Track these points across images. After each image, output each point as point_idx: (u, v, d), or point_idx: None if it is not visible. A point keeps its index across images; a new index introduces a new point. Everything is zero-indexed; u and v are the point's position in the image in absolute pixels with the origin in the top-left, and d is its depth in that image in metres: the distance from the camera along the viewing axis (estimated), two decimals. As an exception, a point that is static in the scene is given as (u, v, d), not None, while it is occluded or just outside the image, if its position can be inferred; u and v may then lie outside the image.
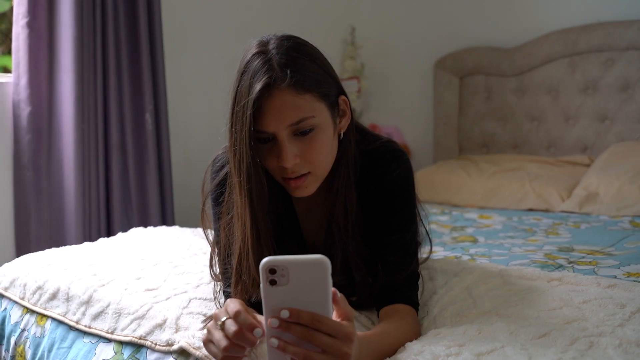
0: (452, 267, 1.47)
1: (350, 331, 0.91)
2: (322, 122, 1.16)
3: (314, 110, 1.14)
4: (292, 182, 1.18)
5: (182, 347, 1.15)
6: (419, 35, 3.57)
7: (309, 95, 1.13)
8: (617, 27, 2.92)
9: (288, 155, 1.13)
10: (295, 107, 1.12)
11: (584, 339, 1.03)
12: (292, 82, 1.10)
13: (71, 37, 2.27)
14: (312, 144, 1.15)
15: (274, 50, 1.13)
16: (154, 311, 1.28)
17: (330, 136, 1.19)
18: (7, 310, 1.56)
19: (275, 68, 1.11)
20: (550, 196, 2.62)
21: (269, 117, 1.11)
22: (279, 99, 1.11)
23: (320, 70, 1.17)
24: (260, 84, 1.10)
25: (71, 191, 2.31)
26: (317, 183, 1.21)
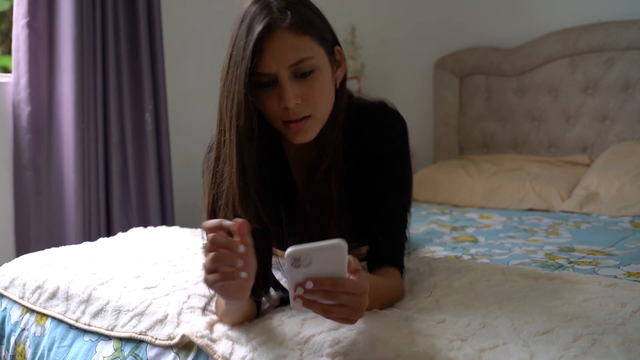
0: (453, 265, 1.47)
1: (364, 285, 1.00)
2: (322, 65, 1.17)
3: (314, 52, 1.16)
4: (293, 125, 1.18)
5: (185, 336, 1.16)
6: (419, 35, 3.57)
7: (308, 37, 1.15)
8: (617, 27, 2.92)
9: (290, 95, 1.14)
10: (295, 48, 1.13)
11: (587, 336, 1.03)
12: (292, 22, 1.13)
13: (71, 37, 2.27)
14: (312, 85, 1.16)
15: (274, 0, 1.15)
16: (153, 307, 1.28)
17: (329, 80, 1.20)
18: (7, 310, 1.56)
19: (275, 11, 1.13)
20: (550, 196, 2.62)
21: (269, 58, 1.12)
22: (280, 39, 1.12)
23: (317, 17, 1.20)
24: (261, 25, 1.11)
25: (71, 191, 2.31)
26: (317, 128, 1.21)
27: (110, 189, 2.46)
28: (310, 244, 0.96)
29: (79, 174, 2.31)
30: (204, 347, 1.13)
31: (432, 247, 1.90)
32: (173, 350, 1.18)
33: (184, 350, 1.18)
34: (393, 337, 1.06)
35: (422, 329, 1.09)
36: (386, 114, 1.32)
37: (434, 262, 1.50)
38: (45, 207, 2.32)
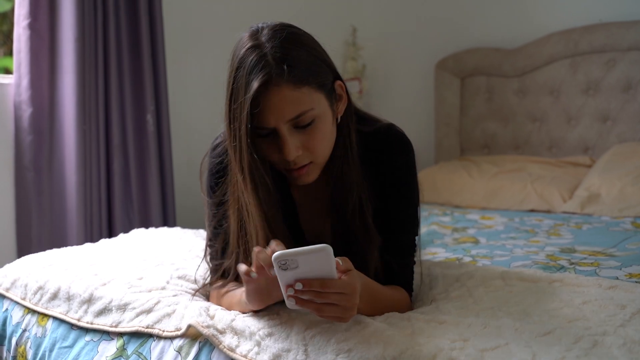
0: (452, 271, 1.46)
1: (354, 284, 1.03)
2: (322, 113, 1.16)
3: (313, 102, 1.13)
4: (295, 173, 1.19)
5: (191, 326, 1.17)
6: (420, 36, 3.57)
7: (307, 87, 1.12)
8: (619, 27, 2.92)
9: (291, 148, 1.14)
10: (294, 102, 1.11)
11: (588, 337, 1.03)
12: (290, 77, 1.10)
13: (73, 38, 2.27)
14: (313, 135, 1.16)
15: (268, 44, 1.11)
16: (161, 305, 1.29)
17: (330, 124, 1.19)
18: (9, 311, 1.56)
19: (271, 63, 1.10)
20: (551, 197, 2.62)
21: (268, 114, 1.11)
22: (278, 95, 1.10)
23: (316, 59, 1.16)
24: (257, 82, 1.09)
25: (73, 192, 2.31)
26: (318, 170, 1.22)
27: (111, 189, 2.47)
28: (297, 249, 0.99)
29: (81, 174, 2.31)
30: (210, 338, 1.14)
31: (433, 249, 1.90)
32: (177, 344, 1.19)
33: (187, 345, 1.19)
34: (396, 336, 1.06)
35: (424, 329, 1.09)
36: (393, 139, 1.30)
37: (433, 267, 1.49)
38: (47, 208, 2.32)
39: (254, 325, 1.15)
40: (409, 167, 1.30)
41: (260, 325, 1.15)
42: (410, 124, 3.73)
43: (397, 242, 1.28)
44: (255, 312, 1.20)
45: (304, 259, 0.99)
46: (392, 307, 1.23)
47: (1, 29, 2.64)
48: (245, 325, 1.16)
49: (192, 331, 1.19)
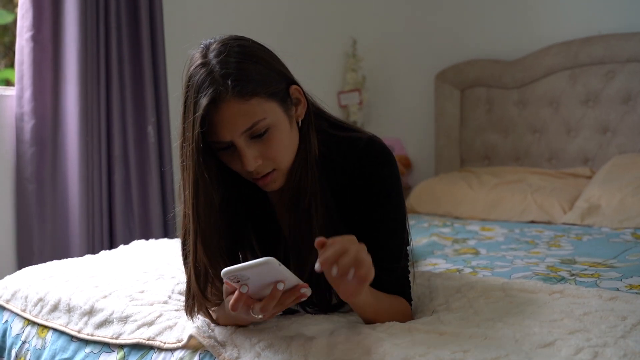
0: (453, 282, 1.46)
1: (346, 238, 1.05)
2: (276, 120, 1.17)
3: (265, 112, 1.15)
4: (260, 182, 1.21)
5: (192, 336, 1.18)
6: (420, 48, 3.59)
7: (256, 98, 1.13)
8: (618, 39, 2.93)
9: (249, 159, 1.15)
10: (244, 114, 1.13)
11: (589, 348, 1.03)
12: (236, 91, 1.11)
13: (76, 50, 2.28)
14: (270, 143, 1.17)
15: (215, 60, 1.13)
16: (163, 318, 1.30)
17: (287, 131, 1.20)
18: (9, 323, 1.56)
19: (218, 80, 1.11)
20: (552, 208, 2.62)
21: (222, 129, 1.13)
22: (227, 110, 1.12)
23: (264, 69, 1.17)
24: (205, 100, 1.11)
25: (75, 204, 2.31)
26: (284, 176, 1.23)
27: (112, 200, 2.47)
28: (243, 264, 1.02)
29: (84, 186, 2.31)
30: (211, 348, 1.14)
31: (433, 260, 1.90)
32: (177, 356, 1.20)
33: (188, 356, 1.19)
34: (397, 347, 1.06)
35: (424, 340, 1.09)
36: (376, 151, 1.29)
37: (433, 279, 1.49)
38: (50, 219, 2.32)
39: (254, 337, 1.15)
40: (393, 178, 1.30)
41: (261, 337, 1.15)
42: (410, 135, 3.78)
43: (387, 250, 1.27)
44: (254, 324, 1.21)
45: (251, 271, 1.02)
46: (393, 313, 1.24)
47: (2, 41, 2.66)
48: (245, 337, 1.16)
49: (193, 342, 1.20)
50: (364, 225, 1.27)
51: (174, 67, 2.73)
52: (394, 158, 1.32)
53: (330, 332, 1.14)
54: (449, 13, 3.48)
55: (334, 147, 1.30)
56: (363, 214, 1.28)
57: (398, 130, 3.63)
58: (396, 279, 1.28)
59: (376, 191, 1.27)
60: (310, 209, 1.24)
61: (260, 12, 3.20)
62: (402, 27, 3.64)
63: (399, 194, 1.30)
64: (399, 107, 3.69)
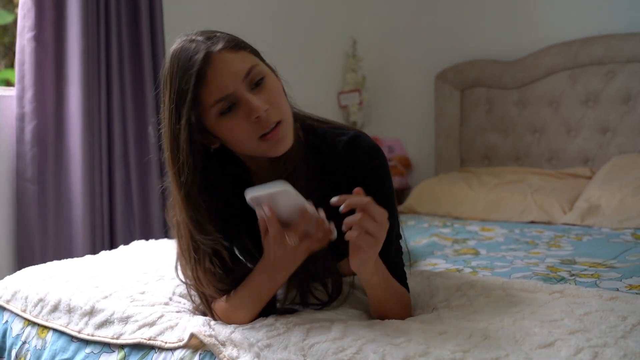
0: (453, 281, 1.46)
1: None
2: (267, 71, 1.20)
3: (255, 61, 1.19)
4: (271, 136, 1.18)
5: (193, 334, 1.18)
6: (421, 48, 3.59)
7: (244, 51, 1.19)
8: (618, 39, 2.93)
9: (258, 102, 1.15)
10: (239, 61, 1.17)
11: (589, 349, 1.03)
12: (225, 43, 1.16)
13: (79, 50, 2.28)
14: (269, 90, 1.19)
15: (200, 37, 1.19)
16: (164, 319, 1.29)
17: (280, 84, 1.23)
18: (9, 323, 1.56)
19: (207, 42, 1.16)
20: (552, 208, 2.62)
21: (221, 80, 1.15)
22: (222, 60, 1.15)
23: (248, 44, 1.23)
24: (199, 54, 1.14)
25: (79, 204, 2.31)
26: (290, 131, 1.21)
27: (113, 201, 2.47)
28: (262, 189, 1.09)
29: (87, 187, 2.31)
30: (211, 347, 1.15)
31: (433, 260, 1.91)
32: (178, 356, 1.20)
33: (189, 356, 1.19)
34: (395, 346, 1.06)
35: (424, 339, 1.09)
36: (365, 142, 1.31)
37: (433, 278, 1.49)
38: (52, 220, 2.31)
39: (253, 337, 1.15)
40: (384, 169, 1.31)
41: (259, 337, 1.15)
42: (410, 136, 3.78)
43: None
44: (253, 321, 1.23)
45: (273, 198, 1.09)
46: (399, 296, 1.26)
47: (2, 41, 2.66)
48: (244, 337, 1.16)
49: (194, 342, 1.20)
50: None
51: (174, 67, 2.73)
52: (382, 152, 1.33)
53: (329, 332, 1.14)
54: (449, 13, 3.48)
55: (315, 136, 1.31)
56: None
57: (398, 130, 3.63)
58: (393, 269, 1.29)
59: (369, 181, 1.27)
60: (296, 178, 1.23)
61: (261, 13, 3.20)
62: (402, 27, 3.64)
63: (390, 185, 1.32)
64: (399, 107, 3.69)
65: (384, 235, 1.11)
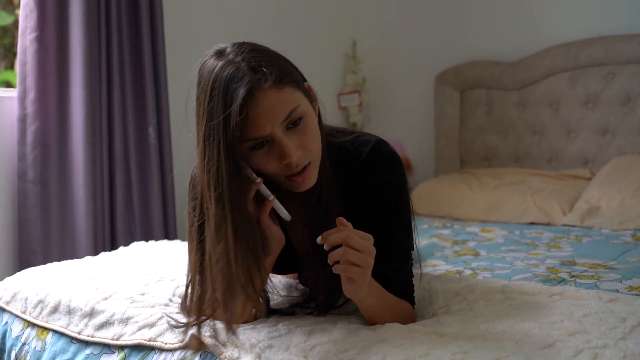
0: (453, 285, 1.45)
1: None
2: (307, 109, 1.17)
3: (297, 100, 1.14)
4: (299, 178, 1.17)
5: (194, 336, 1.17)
6: (420, 49, 3.59)
7: (288, 87, 1.12)
8: (618, 41, 2.93)
9: (291, 149, 1.13)
10: (282, 102, 1.11)
11: (588, 350, 1.03)
12: (271, 79, 1.10)
13: (81, 51, 2.27)
14: (305, 133, 1.15)
15: (238, 57, 1.12)
16: (164, 320, 1.29)
17: (316, 121, 1.20)
18: (9, 324, 1.56)
19: (249, 72, 1.10)
20: (552, 210, 2.62)
21: (262, 120, 1.10)
22: (265, 100, 1.10)
23: (285, 62, 1.17)
24: (243, 90, 1.08)
25: (81, 206, 2.30)
26: (316, 171, 1.21)
27: (114, 202, 2.47)
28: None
29: (90, 188, 2.31)
30: (212, 347, 1.14)
31: (433, 261, 1.91)
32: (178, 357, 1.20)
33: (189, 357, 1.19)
34: (396, 348, 1.06)
35: (424, 341, 1.10)
36: (382, 154, 1.29)
37: (433, 281, 1.49)
38: (55, 221, 2.30)
39: (255, 338, 1.15)
40: (400, 183, 1.29)
41: (261, 338, 1.15)
42: (410, 137, 3.78)
43: (391, 254, 1.28)
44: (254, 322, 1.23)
45: None
46: (397, 312, 1.24)
47: (2, 43, 2.65)
48: (245, 337, 1.16)
49: (194, 343, 1.20)
50: (369, 229, 1.28)
51: (175, 68, 2.74)
52: (401, 162, 1.31)
53: (331, 333, 1.14)
54: (449, 14, 3.48)
55: (340, 152, 1.29)
56: (368, 219, 1.27)
57: (398, 131, 3.63)
58: (400, 283, 1.28)
59: (383, 197, 1.27)
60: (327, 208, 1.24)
61: (261, 14, 3.20)
62: (402, 28, 3.65)
63: (405, 200, 1.30)
64: (398, 108, 3.70)
65: (371, 262, 1.11)
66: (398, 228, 1.29)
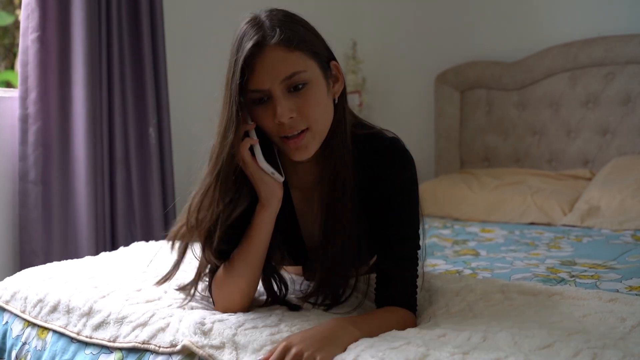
0: (453, 285, 1.45)
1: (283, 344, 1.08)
2: (315, 78, 1.19)
3: (306, 66, 1.17)
4: (291, 142, 1.19)
5: (185, 346, 1.17)
6: (420, 49, 3.59)
7: (299, 52, 1.17)
8: (617, 41, 2.93)
9: (284, 109, 1.16)
10: (286, 62, 1.15)
11: (588, 350, 1.03)
12: (282, 37, 1.15)
13: (83, 51, 2.27)
14: (306, 98, 1.18)
15: (266, 18, 1.18)
16: (156, 317, 1.29)
17: (324, 94, 1.21)
18: (9, 324, 1.56)
19: (266, 29, 1.16)
20: (552, 210, 2.62)
21: (262, 74, 1.15)
22: (270, 55, 1.15)
23: (311, 33, 1.22)
24: (251, 42, 1.14)
25: (83, 206, 2.30)
26: (316, 142, 1.22)
27: (114, 202, 2.47)
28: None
29: (91, 188, 2.31)
30: (205, 357, 1.14)
31: (433, 261, 1.91)
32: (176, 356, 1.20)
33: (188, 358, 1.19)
34: (395, 349, 1.06)
35: (423, 342, 1.09)
36: (398, 152, 1.31)
37: (433, 281, 1.48)
38: (57, 222, 2.30)
39: (255, 339, 1.15)
40: (411, 183, 1.30)
41: (262, 339, 1.15)
42: (410, 137, 3.73)
43: (397, 253, 1.27)
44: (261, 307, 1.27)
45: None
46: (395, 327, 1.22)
47: (2, 43, 2.65)
48: (246, 339, 1.15)
49: (187, 349, 1.19)
50: (378, 224, 1.28)
51: (175, 68, 2.74)
52: (414, 162, 1.32)
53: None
54: (449, 15, 3.48)
55: (358, 144, 1.30)
56: (379, 214, 1.28)
57: (398, 131, 3.53)
58: (403, 286, 1.27)
59: (395, 193, 1.27)
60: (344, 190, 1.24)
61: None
62: (402, 29, 3.64)
63: (416, 199, 1.30)
64: (398, 108, 3.69)
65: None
66: (407, 227, 1.29)
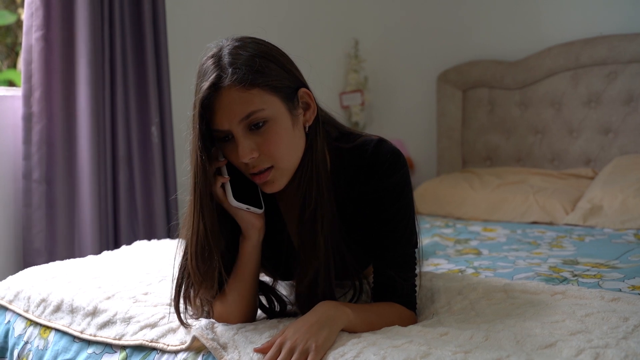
0: (455, 284, 1.45)
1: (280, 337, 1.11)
2: (275, 114, 1.17)
3: (264, 104, 1.15)
4: (257, 178, 1.21)
5: (196, 337, 1.18)
6: (423, 49, 3.59)
7: (257, 89, 1.15)
8: (620, 40, 2.93)
9: (244, 150, 1.16)
10: (242, 102, 1.14)
11: (590, 350, 1.03)
12: (236, 78, 1.13)
13: (87, 50, 2.27)
14: (267, 136, 1.17)
15: (226, 51, 1.17)
16: (166, 320, 1.30)
17: (288, 128, 1.19)
18: (11, 323, 1.56)
19: (223, 67, 1.15)
20: (554, 209, 2.62)
21: (220, 115, 1.15)
22: (226, 95, 1.14)
23: (274, 65, 1.18)
24: (207, 83, 1.14)
25: (87, 205, 2.30)
26: (284, 177, 1.22)
27: (117, 201, 2.47)
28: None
29: (94, 187, 2.31)
30: (212, 350, 1.15)
31: (435, 260, 1.91)
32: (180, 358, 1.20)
33: (191, 358, 1.19)
34: (397, 348, 1.06)
35: (425, 341, 1.09)
36: (383, 157, 1.27)
37: (435, 280, 1.48)
38: (61, 220, 2.30)
39: (256, 339, 1.15)
40: (401, 186, 1.28)
41: (262, 340, 1.15)
42: (412, 136, 3.78)
43: (394, 257, 1.27)
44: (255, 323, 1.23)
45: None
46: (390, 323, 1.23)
47: (5, 42, 2.65)
48: (247, 339, 1.16)
49: (196, 344, 1.20)
50: (372, 233, 1.27)
51: (177, 67, 2.74)
52: (404, 159, 1.30)
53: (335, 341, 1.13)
54: (451, 14, 3.48)
55: (340, 159, 1.29)
56: (371, 224, 1.27)
57: (400, 131, 3.63)
58: (402, 286, 1.27)
59: (385, 201, 1.27)
60: (315, 219, 1.22)
61: (262, 14, 3.20)
62: (404, 27, 3.64)
63: (408, 204, 1.29)
64: (400, 108, 3.69)
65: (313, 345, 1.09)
66: (401, 231, 1.28)
